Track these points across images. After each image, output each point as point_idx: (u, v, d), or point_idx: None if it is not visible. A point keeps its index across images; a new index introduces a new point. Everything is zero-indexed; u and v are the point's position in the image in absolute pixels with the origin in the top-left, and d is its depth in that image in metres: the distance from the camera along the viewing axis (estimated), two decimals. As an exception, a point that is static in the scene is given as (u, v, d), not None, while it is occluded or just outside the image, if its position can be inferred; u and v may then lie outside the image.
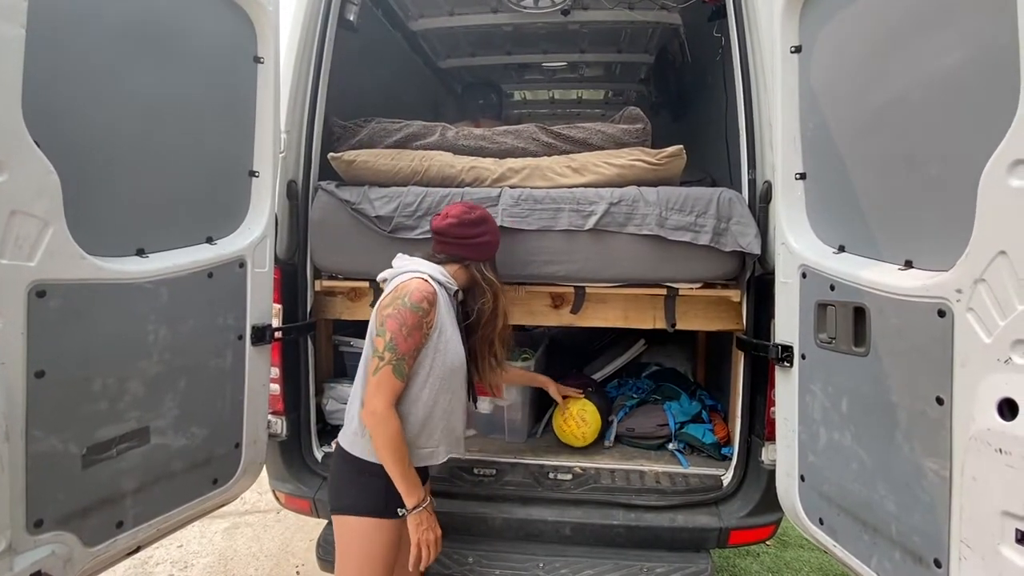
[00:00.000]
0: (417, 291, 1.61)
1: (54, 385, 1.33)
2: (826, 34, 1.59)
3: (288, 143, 2.19)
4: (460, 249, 1.81)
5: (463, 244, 1.80)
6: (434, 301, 1.64)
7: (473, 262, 1.83)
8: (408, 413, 1.66)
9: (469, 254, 1.82)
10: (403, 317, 1.58)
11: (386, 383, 1.57)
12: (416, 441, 1.68)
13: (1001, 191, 1.02)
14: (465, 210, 1.82)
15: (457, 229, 1.78)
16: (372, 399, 1.58)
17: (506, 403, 2.55)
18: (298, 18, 2.23)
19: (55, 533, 1.36)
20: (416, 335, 1.60)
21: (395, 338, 1.57)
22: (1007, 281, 1.02)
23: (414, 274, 1.68)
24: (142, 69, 1.57)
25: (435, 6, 3.22)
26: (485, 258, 1.86)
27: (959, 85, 1.19)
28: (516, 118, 5.04)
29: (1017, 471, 1.00)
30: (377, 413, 1.56)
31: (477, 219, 1.82)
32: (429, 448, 1.71)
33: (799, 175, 1.72)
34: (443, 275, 1.75)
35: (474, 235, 1.80)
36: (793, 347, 1.70)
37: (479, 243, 1.82)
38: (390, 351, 1.57)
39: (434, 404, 1.69)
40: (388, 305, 1.61)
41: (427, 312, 1.61)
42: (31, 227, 1.25)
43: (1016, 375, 1.01)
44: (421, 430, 1.68)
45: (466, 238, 1.79)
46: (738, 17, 2.14)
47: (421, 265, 1.74)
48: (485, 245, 1.84)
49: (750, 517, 2.07)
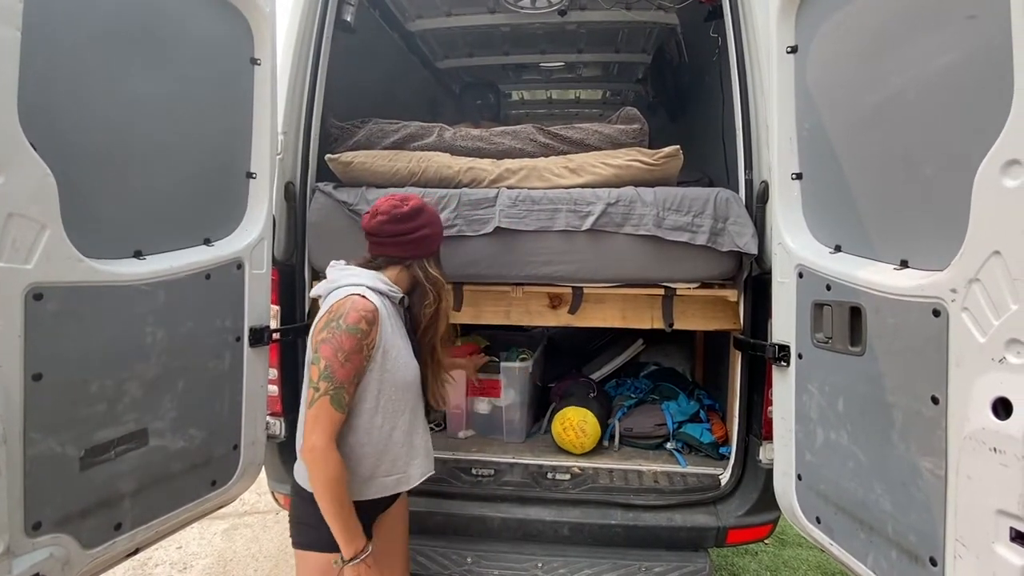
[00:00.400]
0: (353, 311, 1.44)
1: (52, 387, 1.33)
2: (822, 34, 1.59)
3: (285, 144, 2.19)
4: (397, 249, 1.61)
5: (400, 242, 1.60)
6: (374, 319, 1.47)
7: (415, 260, 1.64)
8: (362, 445, 1.52)
9: (407, 252, 1.62)
10: (339, 342, 1.42)
11: (324, 416, 1.41)
12: (377, 471, 1.55)
13: (995, 191, 1.03)
14: (395, 203, 1.61)
15: (390, 226, 1.58)
16: (310, 435, 1.42)
17: (504, 403, 2.55)
18: (295, 19, 2.23)
19: (53, 535, 1.36)
20: (355, 359, 1.44)
21: (331, 365, 1.41)
22: (1001, 281, 1.03)
23: (350, 289, 1.51)
24: (139, 71, 1.57)
25: (432, 7, 3.22)
26: (427, 254, 1.66)
27: (954, 86, 1.19)
28: (514, 118, 5.05)
29: (1011, 470, 1.00)
30: (316, 450, 1.41)
31: (411, 212, 1.60)
32: (395, 475, 1.59)
33: (795, 175, 1.72)
34: (384, 283, 1.58)
35: (410, 230, 1.60)
36: (790, 347, 1.71)
37: (417, 238, 1.61)
38: (326, 380, 1.41)
39: (392, 429, 1.56)
40: (322, 329, 1.46)
41: (366, 333, 1.45)
42: (28, 230, 1.25)
43: (1010, 374, 1.02)
44: (381, 460, 1.55)
45: (402, 235, 1.59)
46: (734, 17, 2.15)
47: (358, 276, 1.56)
48: (425, 240, 1.63)
49: (748, 516, 2.08)
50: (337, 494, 1.41)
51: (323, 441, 1.41)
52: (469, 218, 2.11)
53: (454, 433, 2.64)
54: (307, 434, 1.43)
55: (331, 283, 1.57)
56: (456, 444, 2.54)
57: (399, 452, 1.58)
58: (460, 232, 2.11)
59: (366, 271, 1.59)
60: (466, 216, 2.11)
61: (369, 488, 1.56)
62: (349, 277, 1.56)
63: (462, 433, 2.63)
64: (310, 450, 1.42)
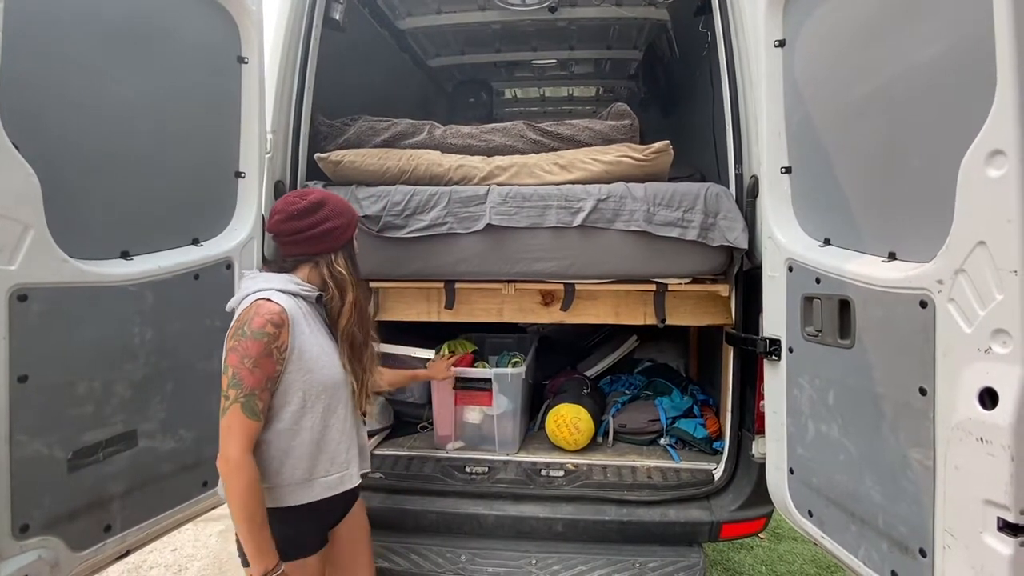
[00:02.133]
0: (257, 316, 1.40)
1: (37, 389, 1.33)
2: (809, 28, 1.59)
3: (274, 143, 2.18)
4: (300, 246, 1.55)
5: (301, 239, 1.53)
6: (281, 322, 1.42)
7: (321, 256, 1.57)
8: (293, 448, 1.47)
9: (312, 249, 1.55)
10: (245, 348, 1.37)
11: (236, 425, 1.36)
12: (315, 472, 1.50)
13: (979, 182, 1.03)
14: (292, 200, 1.54)
15: (288, 224, 1.52)
16: (224, 445, 1.37)
17: (496, 412, 2.40)
18: (282, 17, 2.22)
19: (41, 538, 1.35)
20: (265, 364, 1.39)
21: (238, 373, 1.37)
22: (986, 271, 1.03)
23: (256, 295, 1.46)
24: (124, 70, 1.56)
25: (422, 4, 3.21)
26: (335, 248, 1.58)
27: (938, 77, 1.19)
28: (507, 116, 5.04)
29: (998, 460, 1.01)
30: (230, 461, 1.35)
31: (308, 206, 1.53)
32: (336, 474, 1.54)
33: (784, 169, 1.72)
34: (295, 284, 1.52)
35: (309, 225, 1.52)
36: (781, 340, 1.71)
37: (320, 232, 1.53)
38: (235, 387, 1.37)
39: (325, 427, 1.52)
40: (230, 338, 1.41)
41: (274, 336, 1.39)
42: (11, 231, 1.25)
43: (996, 364, 1.02)
44: (317, 460, 1.51)
45: (301, 231, 1.52)
46: (723, 12, 2.15)
47: (267, 281, 1.51)
48: (328, 234, 1.55)
49: (741, 510, 2.08)
50: (248, 507, 1.35)
51: (237, 451, 1.36)
52: (460, 215, 2.11)
53: (442, 445, 2.46)
54: (221, 443, 1.38)
55: (242, 293, 1.52)
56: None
57: (337, 450, 1.55)
58: (451, 230, 2.10)
59: (276, 275, 1.54)
60: (457, 213, 2.11)
61: (311, 490, 1.50)
62: (258, 283, 1.51)
63: (450, 446, 2.45)
64: (224, 461, 1.36)
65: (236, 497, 1.35)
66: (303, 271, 1.57)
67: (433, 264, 2.17)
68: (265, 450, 1.44)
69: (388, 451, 2.44)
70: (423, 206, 2.12)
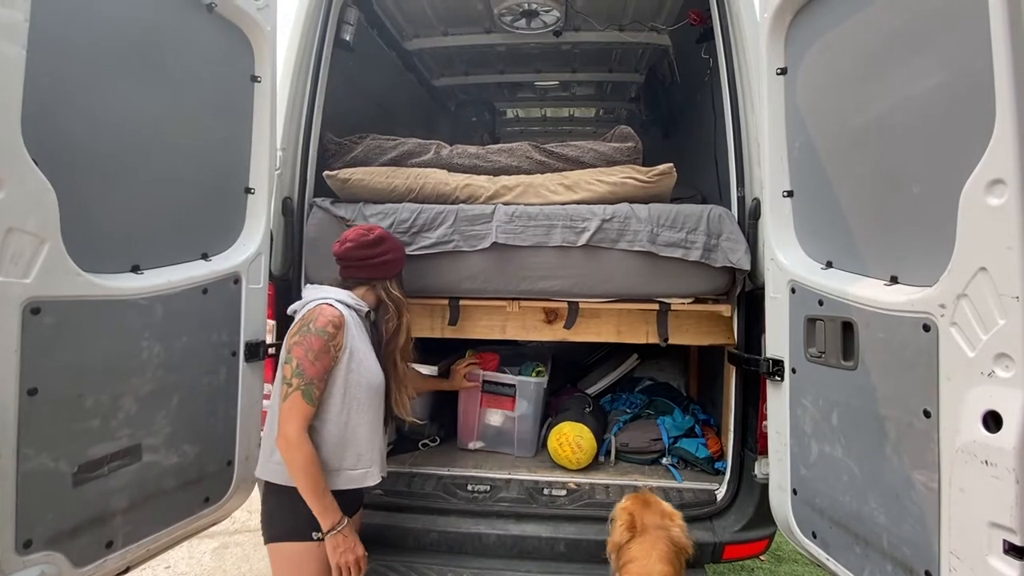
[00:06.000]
0: (322, 316, 1.63)
1: (46, 403, 1.32)
2: (811, 57, 1.64)
3: (284, 160, 2.21)
4: (363, 271, 1.82)
5: (365, 265, 1.82)
6: (340, 324, 1.65)
7: (379, 281, 1.85)
8: (330, 435, 1.66)
9: (373, 274, 1.84)
10: (308, 343, 1.60)
11: (297, 408, 1.57)
12: (343, 463, 1.68)
13: (980, 209, 1.06)
14: (362, 232, 1.84)
15: (356, 252, 1.80)
16: (284, 425, 1.57)
17: (517, 414, 2.57)
18: (295, 38, 2.27)
19: (44, 553, 1.34)
20: (324, 359, 1.61)
21: (301, 364, 1.59)
22: (988, 296, 1.05)
23: (320, 301, 1.70)
24: (140, 88, 1.59)
25: (429, 26, 3.27)
26: (390, 276, 1.88)
27: (938, 107, 1.23)
28: (509, 135, 5.10)
29: (1003, 482, 1.02)
30: (290, 438, 1.56)
31: (375, 239, 1.83)
32: (361, 469, 1.72)
33: (786, 192, 1.76)
34: (352, 298, 1.78)
35: (374, 255, 1.82)
36: (784, 361, 1.73)
37: (381, 262, 1.83)
38: (298, 376, 1.58)
39: (357, 425, 1.70)
40: (295, 334, 1.63)
41: (333, 335, 1.63)
42: (27, 244, 1.26)
43: (999, 388, 1.04)
44: (345, 452, 1.68)
45: (367, 259, 1.81)
46: (725, 39, 2.20)
47: (328, 292, 1.76)
48: (388, 264, 1.85)
49: (744, 531, 2.07)
50: (313, 475, 1.56)
51: (296, 431, 1.56)
52: (466, 234, 2.13)
53: (464, 444, 2.65)
54: (282, 424, 1.57)
55: (305, 300, 1.76)
56: (451, 460, 2.52)
57: (363, 448, 1.72)
58: (457, 248, 2.13)
59: (336, 289, 1.79)
60: (463, 232, 2.13)
61: (336, 479, 1.66)
62: (320, 292, 1.76)
63: (472, 444, 2.64)
64: (284, 438, 1.56)
65: (300, 467, 1.55)
66: (359, 291, 1.83)
67: (439, 281, 2.19)
68: (309, 434, 1.61)
69: (390, 468, 2.40)
70: (430, 224, 2.14)
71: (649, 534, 1.56)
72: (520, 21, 3.01)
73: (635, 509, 1.64)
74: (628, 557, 1.54)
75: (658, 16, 3.04)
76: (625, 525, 1.59)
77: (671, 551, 1.54)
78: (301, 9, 2.28)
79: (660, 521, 1.60)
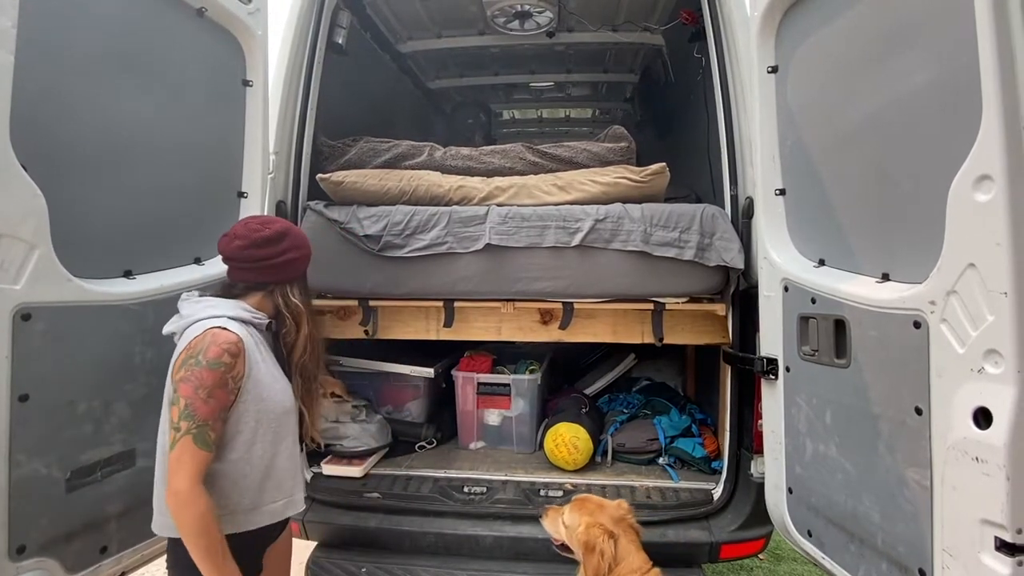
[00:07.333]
0: (213, 345, 1.35)
1: (38, 409, 1.33)
2: (801, 55, 1.64)
3: (277, 164, 2.21)
4: (257, 274, 1.52)
5: (260, 268, 1.51)
6: (238, 351, 1.38)
7: (277, 286, 1.55)
8: (244, 476, 1.43)
9: (270, 277, 1.53)
10: (199, 378, 1.32)
11: (187, 456, 1.29)
12: (262, 500, 1.47)
13: (968, 205, 1.06)
14: (256, 227, 1.51)
15: (250, 251, 1.49)
16: (173, 478, 1.29)
17: (514, 413, 2.59)
18: (287, 42, 2.27)
19: (37, 559, 1.34)
20: (220, 395, 1.34)
21: (191, 404, 1.31)
22: (977, 292, 1.05)
23: (209, 322, 1.40)
24: (131, 92, 1.59)
25: (423, 29, 3.28)
26: (290, 279, 1.57)
27: (926, 104, 1.23)
28: (505, 137, 5.10)
29: (994, 479, 1.02)
30: (180, 493, 1.28)
31: (273, 236, 1.51)
32: (282, 500, 1.52)
33: (779, 191, 1.76)
34: (246, 311, 1.49)
35: (272, 255, 1.50)
36: (778, 360, 1.73)
37: (281, 263, 1.52)
38: (187, 419, 1.30)
39: (274, 455, 1.49)
40: (180, 367, 1.35)
41: (231, 366, 1.36)
42: (17, 250, 1.26)
43: (989, 384, 1.04)
44: (264, 488, 1.47)
45: (262, 260, 1.50)
46: (716, 39, 2.21)
47: (217, 307, 1.45)
48: (288, 265, 1.54)
49: (741, 531, 2.07)
50: (205, 538, 1.29)
51: (187, 483, 1.29)
52: (460, 235, 2.13)
53: (465, 445, 2.67)
54: (171, 476, 1.31)
55: (187, 318, 1.45)
56: (448, 462, 2.52)
57: (283, 477, 1.52)
58: (450, 249, 2.13)
59: (225, 301, 1.50)
60: (457, 233, 2.13)
61: (257, 517, 1.47)
62: (207, 310, 1.45)
63: (473, 445, 2.66)
64: (174, 494, 1.29)
65: (191, 531, 1.29)
66: (254, 298, 1.53)
67: (433, 283, 2.19)
68: (215, 479, 1.39)
69: (386, 470, 2.42)
70: (423, 226, 2.14)
71: (622, 532, 1.70)
72: (513, 22, 3.01)
73: (599, 519, 1.71)
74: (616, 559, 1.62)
75: (651, 16, 3.04)
76: (605, 536, 1.65)
77: (637, 538, 1.73)
78: (293, 12, 2.28)
79: (618, 514, 1.75)
